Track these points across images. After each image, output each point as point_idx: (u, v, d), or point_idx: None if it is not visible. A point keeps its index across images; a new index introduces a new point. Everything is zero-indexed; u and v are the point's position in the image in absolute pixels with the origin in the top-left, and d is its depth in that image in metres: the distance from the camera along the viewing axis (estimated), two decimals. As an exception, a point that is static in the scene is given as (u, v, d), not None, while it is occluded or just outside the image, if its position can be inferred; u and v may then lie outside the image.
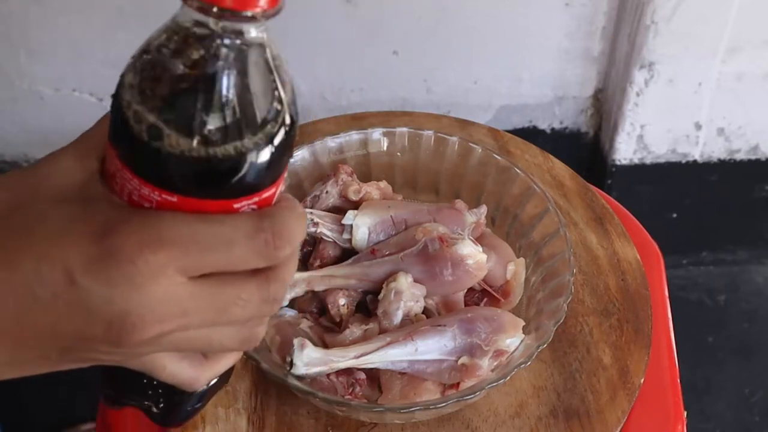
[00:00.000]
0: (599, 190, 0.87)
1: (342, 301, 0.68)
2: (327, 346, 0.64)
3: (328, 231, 0.70)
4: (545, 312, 0.66)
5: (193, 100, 0.34)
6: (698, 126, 1.33)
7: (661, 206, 1.44)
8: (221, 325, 0.37)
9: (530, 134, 1.37)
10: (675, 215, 1.45)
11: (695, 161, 1.38)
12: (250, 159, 0.36)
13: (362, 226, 0.70)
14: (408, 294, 0.66)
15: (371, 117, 0.92)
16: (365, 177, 0.77)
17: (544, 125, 1.39)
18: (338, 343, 0.64)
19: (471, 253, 0.67)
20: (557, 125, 1.39)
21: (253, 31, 0.35)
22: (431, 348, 0.63)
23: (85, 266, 0.34)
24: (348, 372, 0.64)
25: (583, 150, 1.43)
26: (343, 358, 0.62)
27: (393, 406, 0.62)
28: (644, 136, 1.33)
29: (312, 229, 0.70)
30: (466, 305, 0.70)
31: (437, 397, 0.63)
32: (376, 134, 0.79)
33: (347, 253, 0.71)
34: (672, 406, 0.72)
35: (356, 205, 0.72)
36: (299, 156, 0.77)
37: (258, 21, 0.35)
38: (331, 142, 0.78)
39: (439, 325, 0.64)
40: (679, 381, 0.74)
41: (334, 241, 0.70)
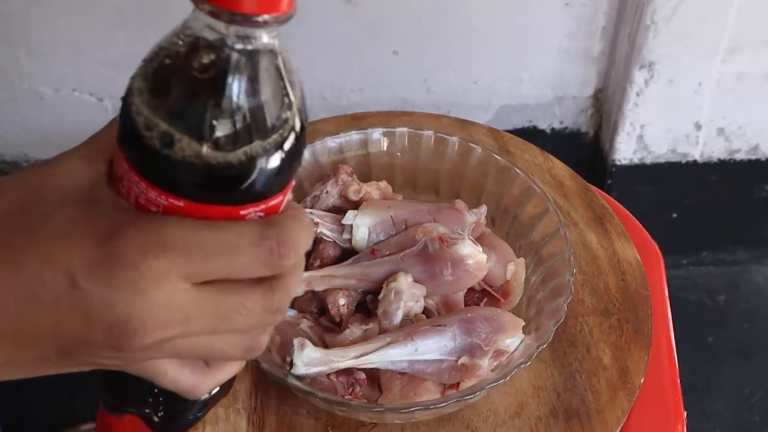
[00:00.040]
0: (599, 190, 0.87)
1: (342, 301, 0.68)
2: (327, 346, 0.64)
3: (328, 231, 0.70)
4: (545, 312, 0.66)
5: (203, 106, 0.34)
6: (698, 126, 1.33)
7: (661, 206, 1.44)
8: (224, 333, 0.37)
9: (530, 134, 1.37)
10: (675, 215, 1.45)
11: (695, 161, 1.38)
12: (258, 166, 0.35)
13: (362, 226, 0.70)
14: (408, 294, 0.66)
15: (371, 117, 0.92)
16: (365, 177, 0.77)
17: (544, 125, 1.39)
18: (338, 343, 0.64)
19: (471, 253, 0.67)
20: (557, 125, 1.39)
21: (265, 37, 0.35)
22: (431, 348, 0.63)
23: (88, 269, 0.33)
24: (348, 372, 0.63)
25: (583, 150, 1.43)
26: (343, 358, 0.62)
27: (393, 406, 0.62)
28: (644, 136, 1.33)
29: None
30: (466, 305, 0.70)
31: (437, 397, 0.63)
32: (376, 134, 0.79)
33: (347, 253, 0.71)
34: (672, 406, 0.72)
35: (356, 205, 0.72)
36: (299, 156, 0.77)
37: (270, 26, 0.34)
38: (331, 142, 0.78)
39: (439, 325, 0.64)
40: (679, 381, 0.75)
41: (334, 241, 0.70)
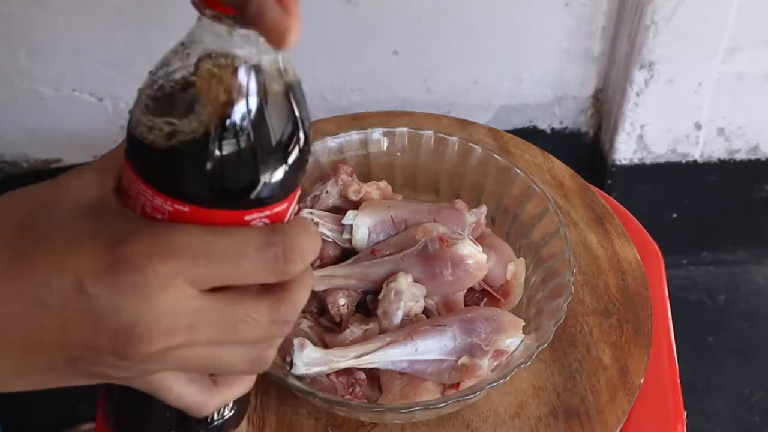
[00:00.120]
0: (599, 190, 0.87)
1: (342, 301, 0.68)
2: (327, 346, 0.64)
3: (328, 231, 0.70)
4: (545, 312, 0.66)
5: (208, 112, 0.34)
6: (698, 126, 1.33)
7: (661, 206, 1.44)
8: (230, 345, 0.37)
9: (530, 134, 1.37)
10: (675, 215, 1.45)
11: (695, 161, 1.38)
12: (264, 171, 0.36)
13: (362, 226, 0.70)
14: (408, 294, 0.66)
15: (371, 117, 0.92)
16: (365, 177, 0.77)
17: (544, 125, 1.39)
18: (338, 343, 0.64)
19: (471, 253, 0.67)
20: (557, 125, 1.39)
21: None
22: (431, 348, 0.63)
23: (95, 275, 0.34)
24: (348, 372, 0.64)
25: (583, 150, 1.43)
26: (343, 358, 0.62)
27: (393, 406, 0.62)
28: (644, 136, 1.33)
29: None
30: (466, 305, 0.70)
31: (437, 397, 0.63)
32: (376, 134, 0.79)
33: (347, 253, 0.71)
34: (672, 406, 0.72)
35: (356, 205, 0.72)
36: (299, 156, 0.77)
37: None
38: (331, 142, 0.78)
39: (439, 325, 0.64)
40: (679, 381, 0.75)
41: (334, 241, 0.70)
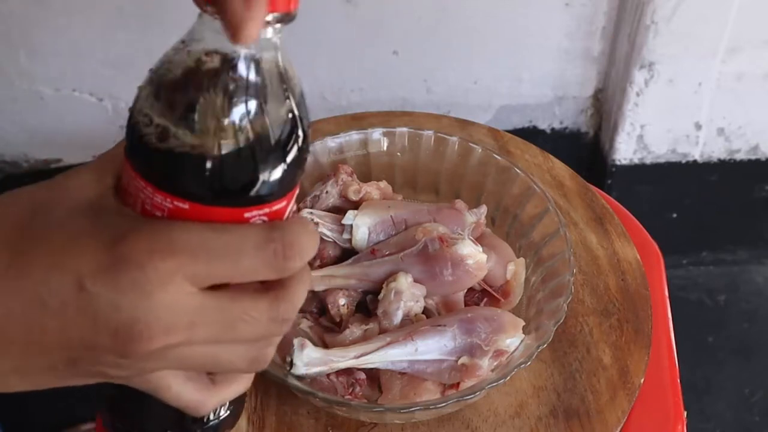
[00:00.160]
0: (599, 190, 0.87)
1: (342, 301, 0.68)
2: (327, 346, 0.64)
3: (328, 231, 0.70)
4: (545, 312, 0.66)
5: (207, 110, 0.35)
6: (698, 126, 1.33)
7: (661, 206, 1.44)
8: (229, 343, 0.37)
9: (530, 134, 1.37)
10: (675, 215, 1.45)
11: (695, 161, 1.38)
12: (264, 167, 0.36)
13: (362, 226, 0.70)
14: (408, 294, 0.66)
15: (371, 117, 0.92)
16: (365, 177, 0.77)
17: (544, 125, 1.39)
18: (338, 343, 0.64)
19: (471, 253, 0.67)
20: (557, 125, 1.39)
21: (268, 38, 0.35)
22: (431, 348, 0.63)
23: (95, 273, 0.34)
24: (348, 372, 0.63)
25: (583, 150, 1.43)
26: (343, 358, 0.62)
27: (393, 406, 0.62)
28: (644, 136, 1.33)
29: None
30: (466, 305, 0.70)
31: (437, 397, 0.63)
32: (376, 134, 0.79)
33: (347, 253, 0.71)
34: (672, 406, 0.72)
35: (356, 205, 0.72)
36: (299, 156, 0.77)
37: (272, 26, 0.35)
38: (331, 142, 0.78)
39: (439, 325, 0.64)
40: (679, 381, 0.75)
41: (334, 241, 0.70)
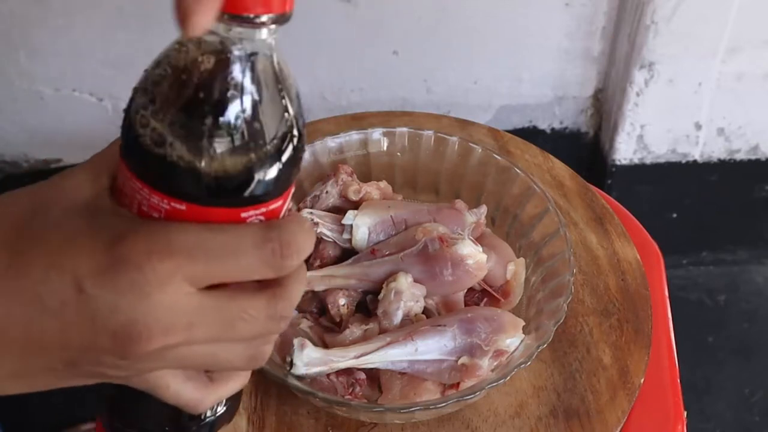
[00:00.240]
0: (599, 190, 0.87)
1: (342, 301, 0.68)
2: (327, 346, 0.64)
3: (328, 231, 0.70)
4: (545, 312, 0.66)
5: (203, 111, 0.35)
6: (698, 126, 1.33)
7: (661, 206, 1.44)
8: (227, 342, 0.37)
9: (530, 134, 1.37)
10: (675, 215, 1.45)
11: (695, 161, 1.38)
12: (259, 167, 0.36)
13: (362, 226, 0.70)
14: (408, 294, 0.66)
15: (371, 117, 0.92)
16: (365, 177, 0.77)
17: (544, 125, 1.39)
18: (338, 343, 0.64)
19: (471, 253, 0.67)
20: (557, 125, 1.39)
21: (263, 39, 0.35)
22: (431, 348, 0.63)
23: (94, 275, 0.34)
24: (348, 372, 0.63)
25: (583, 150, 1.43)
26: (343, 358, 0.62)
27: (393, 406, 0.62)
28: (644, 136, 1.33)
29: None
30: (466, 305, 0.70)
31: (437, 397, 0.63)
32: (376, 134, 0.79)
33: (347, 253, 0.71)
34: (672, 406, 0.72)
35: (356, 205, 0.72)
36: (299, 156, 0.77)
37: (267, 27, 0.35)
38: (331, 142, 0.78)
39: (439, 325, 0.64)
40: (679, 381, 0.75)
41: (334, 241, 0.70)
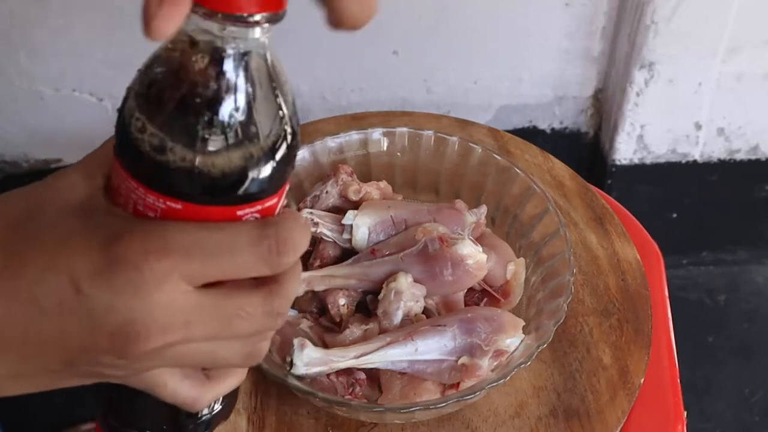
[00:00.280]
0: (599, 190, 0.87)
1: (342, 301, 0.68)
2: (327, 346, 0.64)
3: (328, 231, 0.70)
4: (545, 312, 0.66)
5: (197, 110, 0.35)
6: (698, 126, 1.33)
7: (661, 206, 1.44)
8: (225, 340, 0.37)
9: (530, 134, 1.37)
10: (675, 215, 1.45)
11: (695, 161, 1.38)
12: (254, 165, 0.36)
13: (362, 226, 0.70)
14: (408, 294, 0.66)
15: (371, 117, 0.92)
16: (365, 177, 0.77)
17: (544, 125, 1.39)
18: (338, 343, 0.64)
19: (471, 253, 0.67)
20: (557, 125, 1.39)
21: (257, 38, 0.35)
22: (431, 348, 0.63)
23: (91, 275, 0.34)
24: (348, 372, 0.64)
25: (583, 150, 1.43)
26: (343, 358, 0.62)
27: (393, 406, 0.62)
28: (644, 136, 1.33)
29: (312, 229, 0.70)
30: (466, 305, 0.70)
31: (437, 397, 0.63)
32: (376, 134, 0.79)
33: (347, 253, 0.71)
34: (672, 406, 0.72)
35: (356, 205, 0.72)
36: (299, 156, 0.77)
37: (261, 26, 0.35)
38: (331, 142, 0.78)
39: (439, 325, 0.64)
40: (679, 381, 0.75)
41: (334, 241, 0.70)
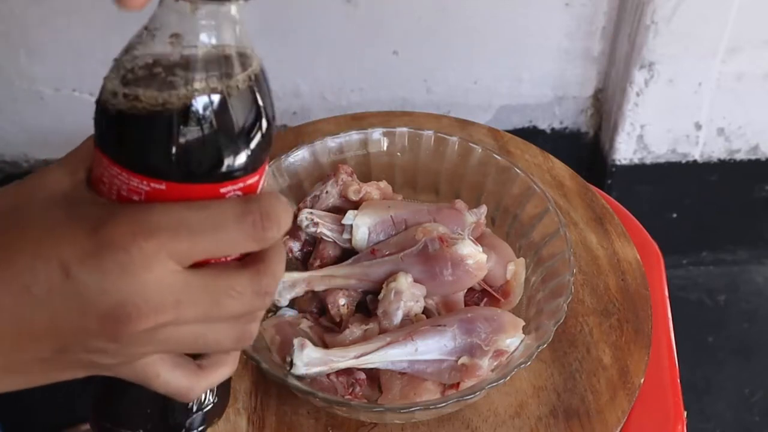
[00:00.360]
0: (599, 190, 0.87)
1: (342, 301, 0.68)
2: (327, 346, 0.64)
3: (328, 231, 0.70)
4: (545, 312, 0.66)
5: (173, 88, 0.35)
6: (698, 126, 1.33)
7: (661, 206, 1.44)
8: (215, 321, 0.37)
9: (530, 134, 1.37)
10: (675, 215, 1.45)
11: (695, 161, 1.38)
12: (235, 141, 0.37)
13: (362, 226, 0.70)
14: (408, 294, 0.66)
15: (371, 117, 0.92)
16: (365, 177, 0.77)
17: (544, 125, 1.39)
18: (338, 343, 0.64)
19: (471, 253, 0.67)
20: (557, 125, 1.39)
21: (232, 14, 0.36)
22: (431, 348, 0.63)
23: (80, 259, 0.34)
24: (348, 372, 0.64)
25: (583, 150, 1.43)
26: (343, 358, 0.62)
27: (393, 406, 0.62)
28: (644, 136, 1.33)
29: (312, 229, 0.70)
30: (466, 305, 0.70)
31: (437, 397, 0.63)
32: (376, 134, 0.79)
33: (347, 253, 0.71)
34: (672, 406, 0.72)
35: (356, 205, 0.72)
36: (299, 156, 0.77)
37: (236, 2, 0.36)
38: (331, 142, 0.78)
39: (439, 325, 0.64)
40: (679, 381, 0.75)
41: (334, 241, 0.70)
